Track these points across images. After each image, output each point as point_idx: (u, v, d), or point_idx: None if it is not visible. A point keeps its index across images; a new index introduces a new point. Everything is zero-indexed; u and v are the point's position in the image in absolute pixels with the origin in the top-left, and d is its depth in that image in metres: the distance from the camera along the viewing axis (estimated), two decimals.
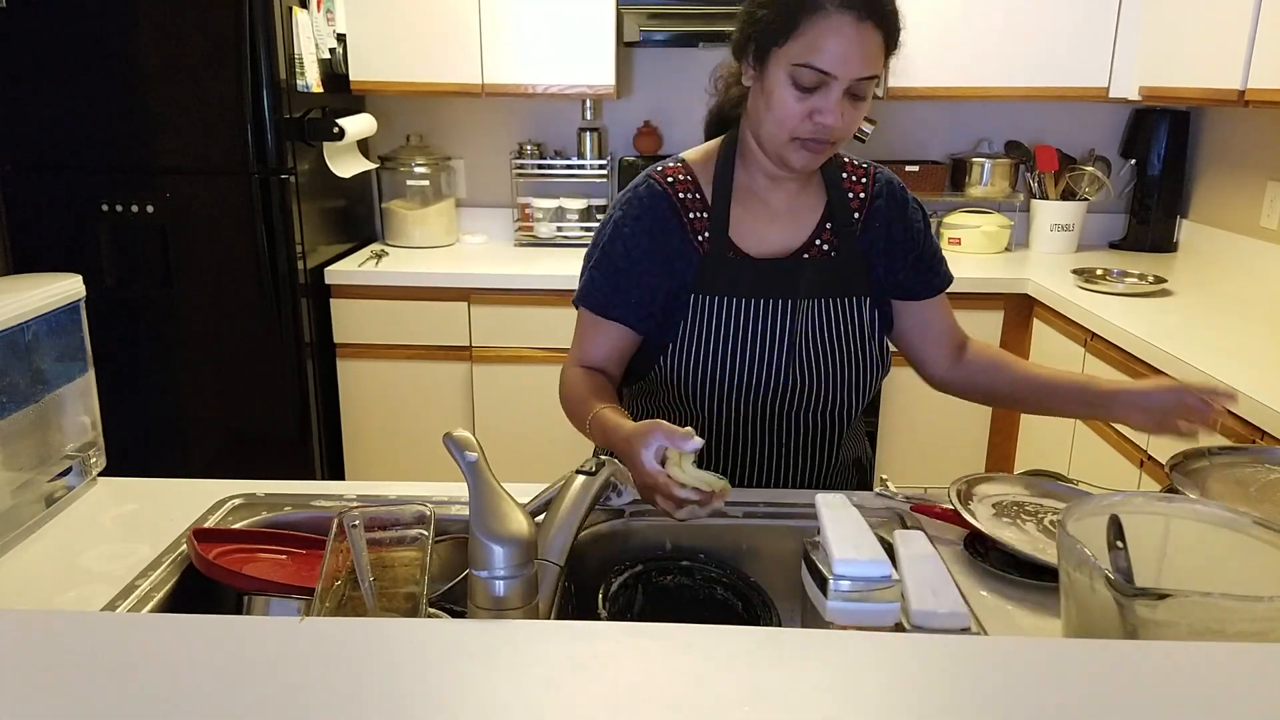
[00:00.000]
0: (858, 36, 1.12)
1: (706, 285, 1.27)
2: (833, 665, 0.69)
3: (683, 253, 1.28)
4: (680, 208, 1.29)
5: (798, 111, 1.16)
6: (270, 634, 0.74)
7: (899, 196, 1.35)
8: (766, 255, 1.29)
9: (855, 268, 1.31)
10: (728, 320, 1.27)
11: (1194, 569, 0.87)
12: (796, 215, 1.31)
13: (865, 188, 1.34)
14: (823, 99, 1.15)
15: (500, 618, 0.78)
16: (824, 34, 1.12)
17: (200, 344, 2.67)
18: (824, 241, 1.31)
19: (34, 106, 2.52)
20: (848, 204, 1.32)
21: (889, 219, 1.33)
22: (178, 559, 1.08)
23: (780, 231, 1.30)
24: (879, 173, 1.36)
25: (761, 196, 1.31)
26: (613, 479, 1.02)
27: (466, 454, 0.82)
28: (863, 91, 1.16)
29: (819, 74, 1.14)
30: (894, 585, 0.83)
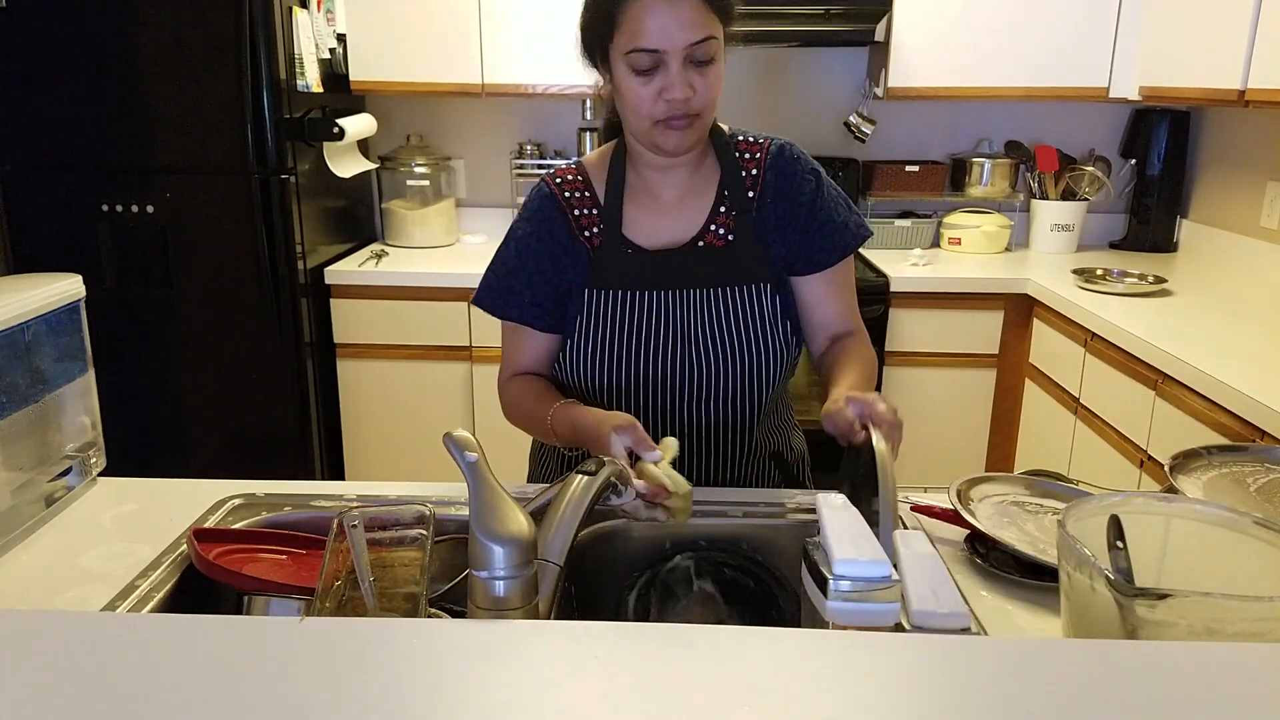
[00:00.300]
0: (671, 8, 1.14)
1: (598, 279, 1.29)
2: (833, 665, 0.69)
3: (571, 249, 1.30)
4: (566, 206, 1.31)
5: (647, 96, 1.18)
6: (270, 634, 0.74)
7: (787, 168, 1.31)
8: (660, 247, 1.30)
9: (751, 252, 1.29)
10: (621, 313, 1.28)
11: (1194, 569, 0.87)
12: (688, 205, 1.31)
13: (758, 163, 1.32)
14: (664, 76, 1.17)
15: (500, 618, 0.78)
16: (639, 16, 1.15)
17: (200, 344, 2.67)
18: (720, 226, 1.30)
19: (34, 106, 2.52)
20: (741, 183, 1.31)
21: (780, 192, 1.31)
22: (178, 559, 1.08)
23: (673, 222, 1.30)
24: (772, 144, 1.33)
25: (653, 191, 1.31)
26: (613, 479, 1.02)
27: (466, 454, 0.82)
28: (703, 55, 1.17)
29: (649, 54, 1.16)
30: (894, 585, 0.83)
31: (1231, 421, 1.74)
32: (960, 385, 2.79)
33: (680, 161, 1.29)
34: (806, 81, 3.22)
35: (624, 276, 1.28)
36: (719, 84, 1.21)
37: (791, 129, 3.24)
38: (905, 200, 3.19)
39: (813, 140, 3.26)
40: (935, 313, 2.74)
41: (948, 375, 2.79)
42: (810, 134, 3.26)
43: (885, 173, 3.16)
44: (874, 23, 2.78)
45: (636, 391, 1.30)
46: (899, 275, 2.72)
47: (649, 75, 1.17)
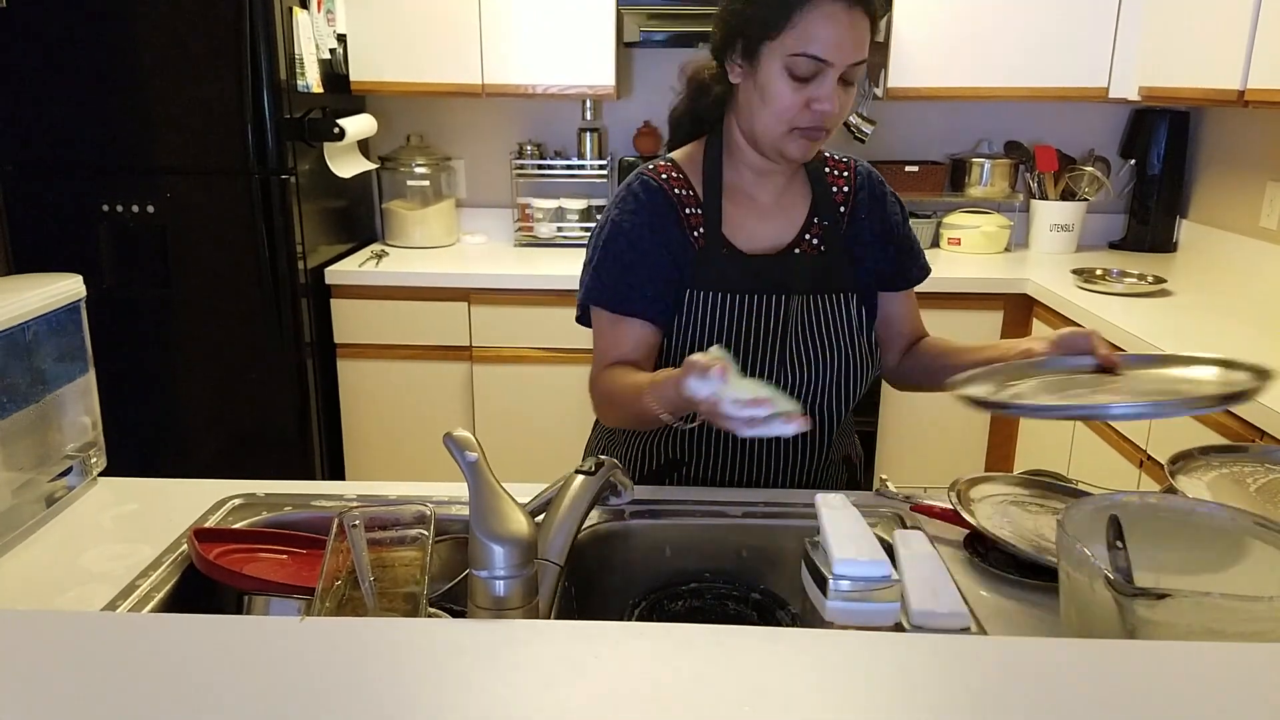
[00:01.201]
0: (849, 22, 1.15)
1: (701, 280, 1.28)
2: (833, 665, 0.69)
3: (682, 246, 1.28)
4: (677, 202, 1.29)
5: (795, 102, 1.19)
6: (270, 634, 0.74)
7: (878, 190, 1.38)
8: (758, 251, 1.30)
9: (843, 263, 1.33)
10: (721, 315, 1.28)
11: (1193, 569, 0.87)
12: (785, 210, 1.33)
13: (848, 181, 1.37)
14: (819, 87, 1.18)
15: (500, 618, 0.78)
16: (817, 23, 1.15)
17: (200, 344, 2.67)
18: (813, 236, 1.33)
19: (34, 106, 2.52)
20: (832, 198, 1.35)
21: (871, 211, 1.36)
22: (178, 559, 1.08)
23: (771, 227, 1.32)
24: (859, 165, 1.39)
25: (749, 193, 1.32)
26: (612, 479, 1.02)
27: (466, 454, 0.82)
28: (854, 77, 1.19)
29: (816, 62, 1.16)
30: (894, 585, 0.83)
31: (1231, 421, 1.74)
32: None
33: (776, 170, 1.31)
34: None
35: (724, 279, 1.28)
36: (853, 102, 1.23)
37: None
38: (905, 200, 3.18)
39: None
40: (935, 313, 2.72)
41: None
42: None
43: (885, 173, 3.11)
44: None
45: None
46: None
47: (804, 82, 1.18)
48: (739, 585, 1.16)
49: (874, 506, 1.22)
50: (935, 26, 2.82)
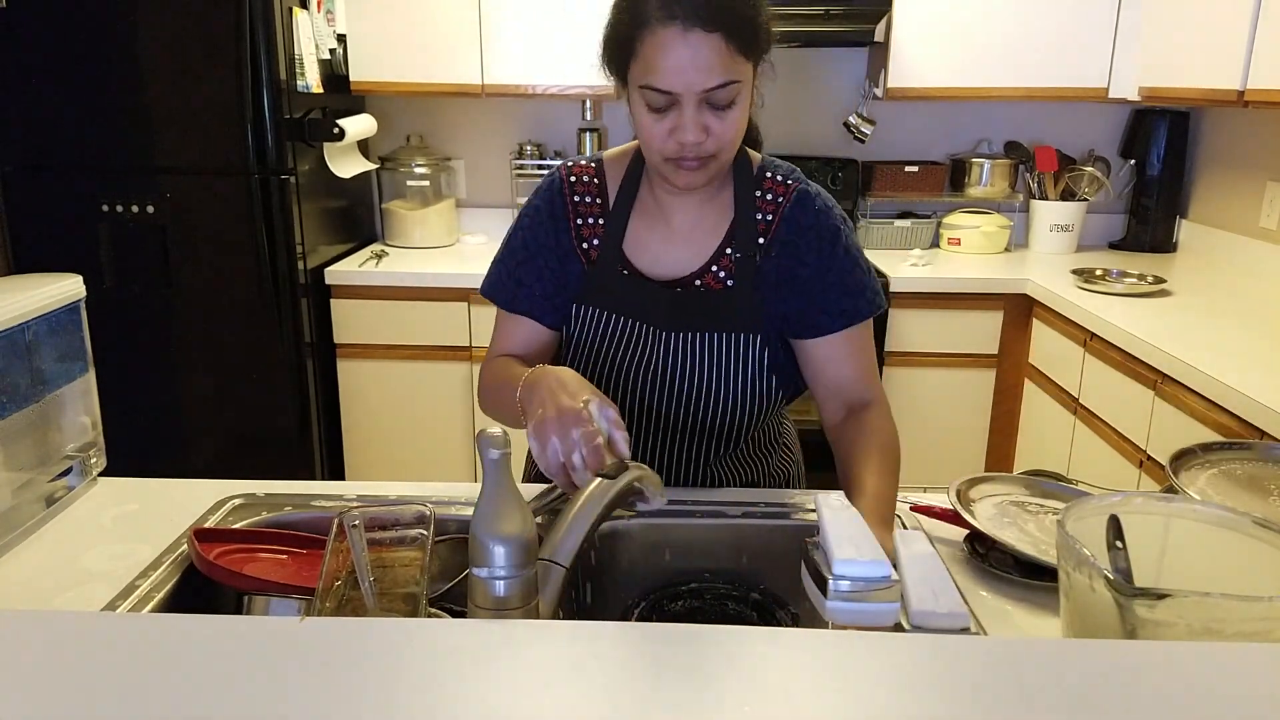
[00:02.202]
0: (688, 48, 1.03)
1: (591, 297, 1.24)
2: (833, 665, 0.69)
3: (569, 257, 1.25)
4: (573, 212, 1.25)
5: (659, 133, 1.09)
6: (270, 634, 0.74)
7: (803, 220, 1.21)
8: (660, 277, 1.23)
9: (748, 300, 1.21)
10: (609, 336, 1.23)
11: (1194, 569, 0.87)
12: (696, 237, 1.23)
13: (777, 208, 1.22)
14: (678, 117, 1.08)
15: (500, 618, 0.78)
16: (655, 52, 1.04)
17: (200, 344, 2.67)
18: (721, 268, 1.22)
19: (34, 106, 2.52)
20: (755, 227, 1.22)
21: (787, 247, 1.21)
22: (178, 559, 1.08)
23: (678, 253, 1.23)
24: (798, 192, 1.23)
25: (664, 213, 1.24)
26: (638, 484, 0.99)
27: (490, 451, 0.80)
28: (722, 100, 1.07)
29: (662, 94, 1.06)
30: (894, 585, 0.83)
31: (1231, 421, 1.75)
32: (960, 385, 2.79)
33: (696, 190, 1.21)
34: (806, 81, 3.22)
35: (615, 300, 1.23)
36: (740, 125, 1.11)
37: (791, 129, 3.25)
38: (905, 200, 3.19)
39: (813, 140, 3.26)
40: (935, 313, 2.74)
41: (947, 375, 2.79)
42: (810, 134, 3.26)
43: (885, 173, 3.16)
44: (874, 23, 2.78)
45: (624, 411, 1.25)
46: (898, 275, 2.72)
47: (662, 113, 1.08)
48: (739, 585, 1.16)
49: None
50: (935, 26, 2.82)
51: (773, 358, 1.24)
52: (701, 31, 1.03)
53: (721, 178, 1.21)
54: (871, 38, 2.80)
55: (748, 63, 1.09)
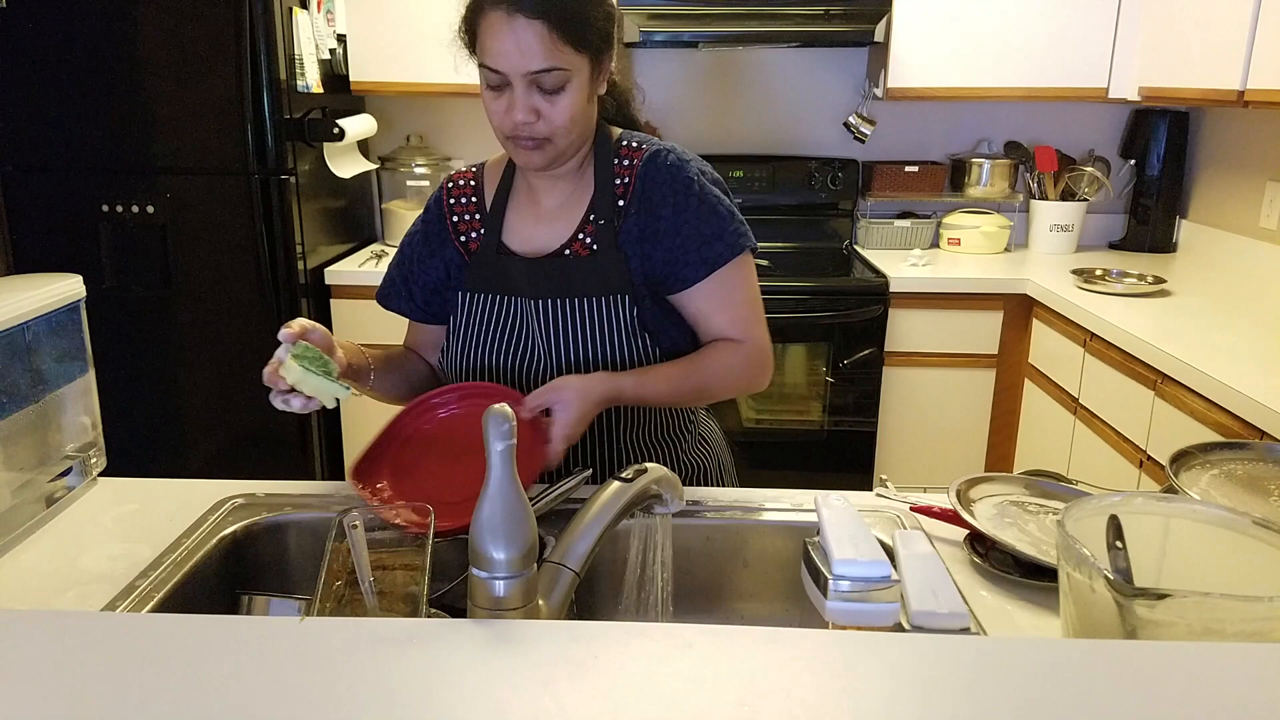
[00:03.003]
0: (512, 32, 1.13)
1: (471, 282, 1.33)
2: (833, 665, 0.69)
3: (443, 253, 1.36)
4: (449, 211, 1.36)
5: (497, 110, 1.19)
6: (270, 634, 0.74)
7: (655, 176, 1.27)
8: (533, 254, 1.31)
9: (613, 263, 1.27)
10: (489, 315, 1.31)
11: (1193, 569, 0.87)
12: (563, 212, 1.31)
13: (631, 171, 1.29)
14: (510, 96, 1.17)
15: (500, 618, 0.78)
16: (488, 33, 1.15)
17: (200, 344, 2.67)
18: (587, 235, 1.29)
19: (34, 106, 2.52)
20: (613, 191, 1.28)
21: (644, 203, 1.27)
22: (178, 559, 1.08)
23: (546, 230, 1.31)
24: (649, 152, 1.29)
25: (536, 197, 1.33)
26: (657, 488, 0.98)
27: (496, 443, 0.78)
28: (549, 84, 1.15)
29: (495, 73, 1.16)
30: (894, 585, 0.83)
31: (1231, 421, 1.75)
32: (960, 385, 2.79)
33: (559, 172, 1.29)
34: (806, 81, 3.22)
35: (494, 281, 1.31)
36: (571, 112, 1.18)
37: (791, 129, 3.25)
38: (905, 200, 3.19)
39: (812, 140, 3.26)
40: (935, 313, 2.74)
41: (947, 375, 2.79)
42: (810, 134, 3.26)
43: (885, 173, 3.16)
44: (874, 23, 2.78)
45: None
46: (898, 275, 2.72)
47: (498, 91, 1.18)
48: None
49: (874, 507, 1.22)
50: (935, 27, 2.82)
51: (643, 317, 1.28)
52: (524, 18, 1.13)
53: (569, 160, 1.28)
54: (871, 38, 2.81)
55: (578, 54, 1.17)
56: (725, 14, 2.77)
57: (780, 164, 3.16)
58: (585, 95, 1.20)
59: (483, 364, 1.31)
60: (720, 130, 3.27)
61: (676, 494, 1.00)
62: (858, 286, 2.74)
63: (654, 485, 0.96)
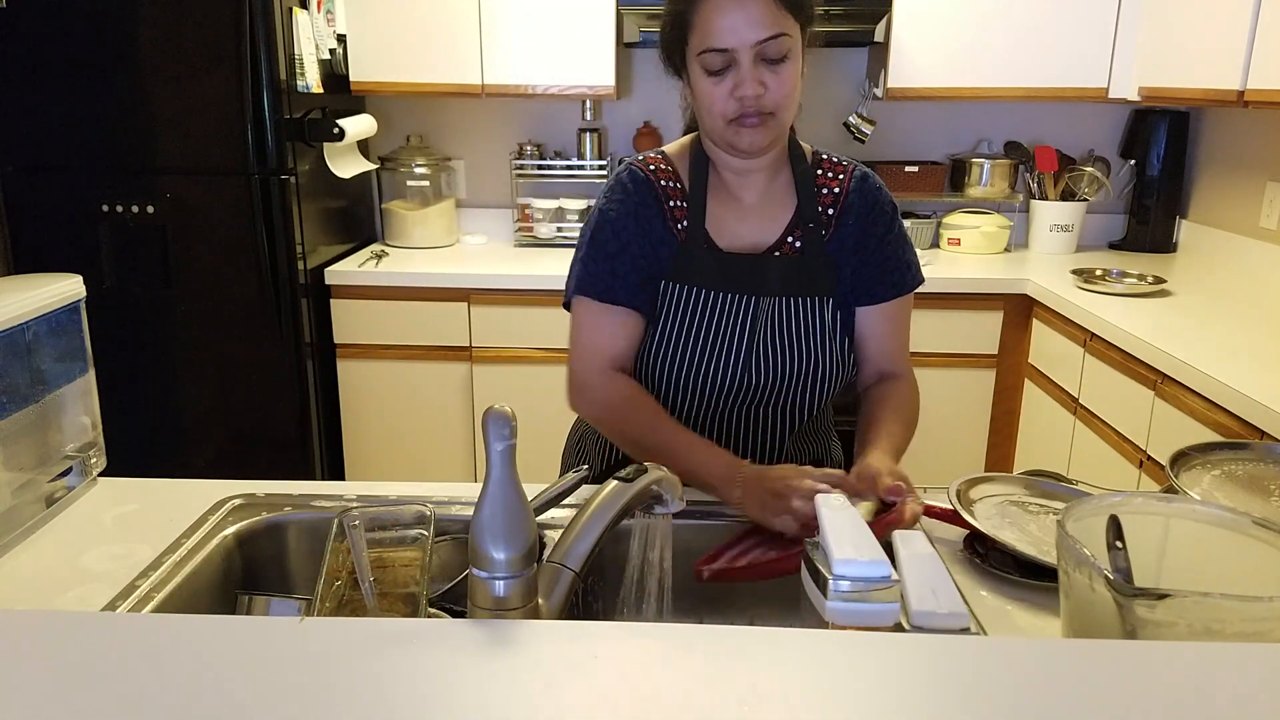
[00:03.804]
0: (739, 6, 1.16)
1: (680, 275, 1.30)
2: (833, 665, 0.69)
3: (664, 239, 1.30)
4: (662, 194, 1.31)
5: (720, 95, 1.20)
6: (270, 634, 0.74)
7: (871, 197, 1.34)
8: (738, 250, 1.31)
9: (822, 267, 1.31)
10: (697, 311, 1.29)
11: (1193, 569, 0.87)
12: (769, 211, 1.32)
13: (840, 184, 1.34)
14: (735, 74, 1.19)
15: (500, 618, 0.78)
16: (710, 16, 1.17)
17: (200, 344, 2.67)
18: (795, 239, 1.32)
19: (34, 106, 2.52)
20: (819, 200, 1.33)
21: (859, 219, 1.33)
22: (178, 559, 1.08)
23: (753, 227, 1.32)
24: (857, 169, 1.36)
25: (734, 193, 1.32)
26: (658, 488, 0.98)
27: (496, 442, 0.79)
28: (774, 53, 1.18)
29: (719, 53, 1.18)
30: (894, 585, 0.83)
31: (1231, 421, 1.75)
32: (960, 385, 2.79)
33: (759, 165, 1.30)
34: (807, 81, 3.21)
35: (703, 275, 1.29)
36: (793, 82, 1.21)
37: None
38: (905, 200, 3.19)
39: (813, 140, 3.25)
40: (935, 313, 2.74)
41: (947, 375, 2.79)
42: (810, 134, 3.24)
43: (885, 173, 3.16)
44: (874, 23, 2.78)
45: (696, 388, 1.31)
46: None
47: (721, 75, 1.19)
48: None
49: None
50: (935, 26, 2.82)
51: (845, 321, 1.33)
52: None
53: (779, 145, 1.30)
54: (871, 38, 2.81)
55: (795, 22, 1.19)
56: None
57: None
58: (800, 66, 1.23)
59: (680, 360, 1.29)
60: None
61: (676, 494, 1.00)
62: None
63: (654, 485, 0.96)
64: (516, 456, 0.80)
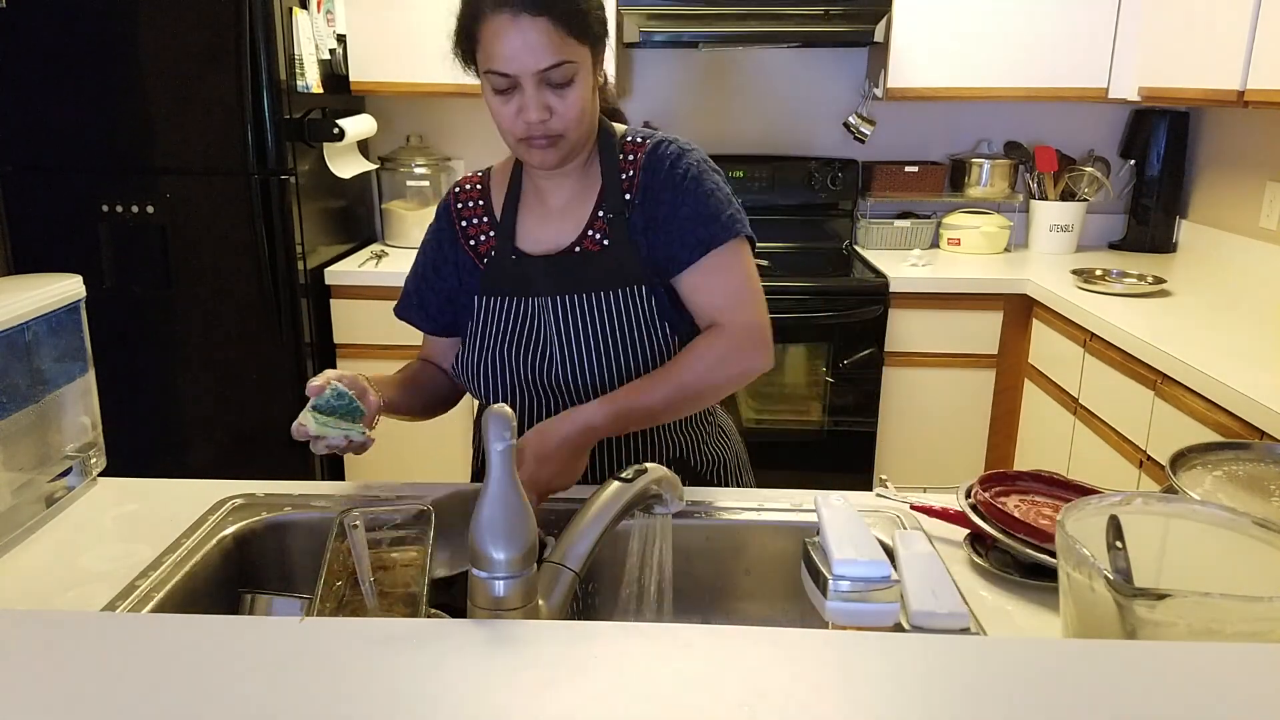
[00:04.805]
0: (518, 32, 1.13)
1: (487, 286, 1.33)
2: (833, 665, 0.69)
3: (456, 260, 1.36)
4: (457, 217, 1.36)
5: (508, 114, 1.19)
6: (270, 634, 0.74)
7: (656, 165, 1.28)
8: (543, 253, 1.31)
9: (624, 254, 1.28)
10: (507, 318, 1.31)
11: (1193, 569, 0.87)
12: (571, 210, 1.32)
13: (635, 164, 1.30)
14: (520, 98, 1.17)
15: (500, 618, 0.78)
16: (491, 38, 1.15)
17: (200, 344, 2.67)
18: (596, 231, 1.30)
19: (34, 106, 2.52)
20: (619, 186, 1.30)
21: (647, 191, 1.28)
22: (178, 559, 1.08)
23: (556, 228, 1.32)
24: (651, 144, 1.30)
25: (543, 196, 1.33)
26: (658, 488, 0.98)
27: (496, 442, 0.79)
28: (559, 79, 1.16)
29: (503, 77, 1.16)
30: (894, 585, 0.83)
31: (1231, 421, 1.75)
32: (959, 385, 2.79)
33: (563, 172, 1.29)
34: (806, 81, 3.22)
35: (510, 283, 1.31)
36: (581, 104, 1.19)
37: (791, 129, 3.25)
38: (904, 201, 3.19)
39: (813, 140, 3.26)
40: (934, 313, 2.74)
41: (947, 375, 2.79)
42: (810, 134, 3.26)
43: (884, 173, 3.16)
44: (874, 23, 2.78)
45: (524, 394, 1.31)
46: (898, 275, 2.72)
47: (507, 95, 1.18)
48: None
49: (874, 507, 1.22)
50: (935, 27, 2.82)
51: (660, 305, 1.28)
52: (529, 16, 1.13)
53: (578, 155, 1.28)
54: (871, 38, 2.80)
55: (581, 45, 1.18)
56: (725, 14, 2.77)
57: (780, 164, 3.16)
58: (590, 86, 1.22)
59: (500, 367, 1.30)
60: (720, 130, 3.27)
61: (676, 494, 1.00)
62: (857, 286, 2.74)
63: (654, 485, 0.96)
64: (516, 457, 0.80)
